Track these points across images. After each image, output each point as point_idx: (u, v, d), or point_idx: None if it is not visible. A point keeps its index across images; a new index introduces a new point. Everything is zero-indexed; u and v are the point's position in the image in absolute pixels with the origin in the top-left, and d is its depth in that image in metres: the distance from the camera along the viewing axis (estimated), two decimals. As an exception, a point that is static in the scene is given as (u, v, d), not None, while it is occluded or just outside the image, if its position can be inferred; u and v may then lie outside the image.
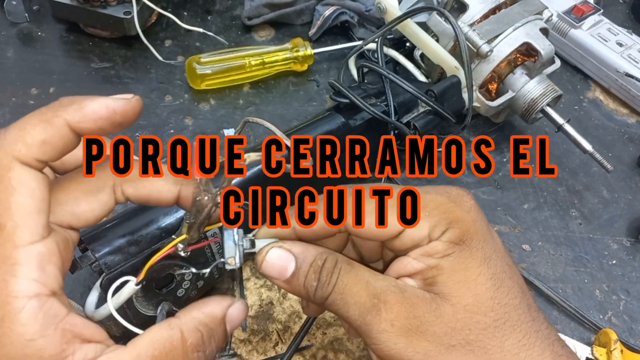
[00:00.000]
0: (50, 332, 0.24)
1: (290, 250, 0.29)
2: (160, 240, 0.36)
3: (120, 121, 0.26)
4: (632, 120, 0.63)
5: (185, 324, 0.28)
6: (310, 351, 0.44)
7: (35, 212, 0.24)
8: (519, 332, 0.27)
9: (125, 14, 0.58)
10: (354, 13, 0.65)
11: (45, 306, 0.24)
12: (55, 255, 0.25)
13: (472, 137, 0.60)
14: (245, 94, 0.60)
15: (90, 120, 0.26)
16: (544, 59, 0.53)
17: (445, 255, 0.28)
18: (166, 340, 0.27)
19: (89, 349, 0.25)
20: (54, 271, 0.25)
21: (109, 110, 0.26)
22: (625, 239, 0.53)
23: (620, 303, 0.49)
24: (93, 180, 0.28)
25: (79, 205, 0.27)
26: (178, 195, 0.30)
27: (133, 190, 0.29)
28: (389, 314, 0.27)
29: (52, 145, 0.25)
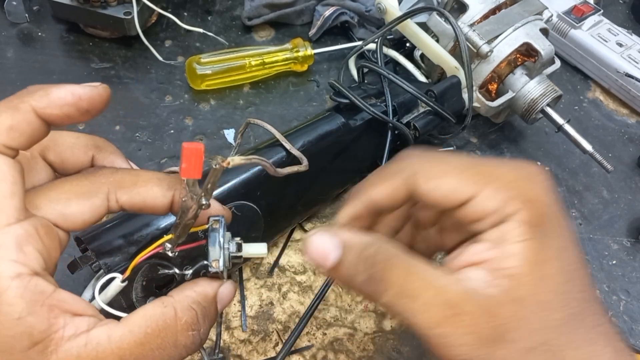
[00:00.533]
0: (37, 308, 0.24)
1: (337, 235, 0.27)
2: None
3: (87, 108, 0.27)
4: (632, 121, 0.63)
5: (179, 302, 0.28)
6: (311, 351, 0.44)
7: (8, 195, 0.24)
8: (585, 327, 0.26)
9: (125, 15, 0.58)
10: (354, 13, 0.65)
11: (30, 284, 0.24)
12: (34, 237, 0.25)
13: (472, 137, 0.60)
14: (245, 94, 0.60)
15: (56, 106, 0.26)
16: (544, 59, 0.53)
17: (523, 240, 0.25)
18: (159, 318, 0.27)
19: (81, 322, 0.25)
20: (33, 252, 0.25)
21: (75, 96, 0.26)
22: (626, 239, 0.53)
23: (620, 303, 0.49)
24: (87, 184, 0.28)
25: (69, 207, 0.27)
26: (172, 201, 0.30)
27: (127, 198, 0.29)
28: (469, 327, 0.25)
29: (20, 131, 0.25)
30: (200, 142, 0.28)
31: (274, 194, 0.44)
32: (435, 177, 0.27)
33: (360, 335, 0.45)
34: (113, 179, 0.29)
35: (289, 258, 0.49)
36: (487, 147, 0.59)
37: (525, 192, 0.26)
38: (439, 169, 0.27)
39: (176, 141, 0.55)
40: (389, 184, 0.29)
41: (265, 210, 0.43)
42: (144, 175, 0.30)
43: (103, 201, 0.28)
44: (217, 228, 0.29)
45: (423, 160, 0.28)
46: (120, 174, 0.29)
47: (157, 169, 0.53)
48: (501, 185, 0.26)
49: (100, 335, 0.25)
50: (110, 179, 0.29)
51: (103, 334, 0.25)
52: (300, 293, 0.47)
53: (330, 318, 0.46)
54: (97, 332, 0.25)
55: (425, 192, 0.27)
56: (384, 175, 0.29)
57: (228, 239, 0.30)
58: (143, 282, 0.36)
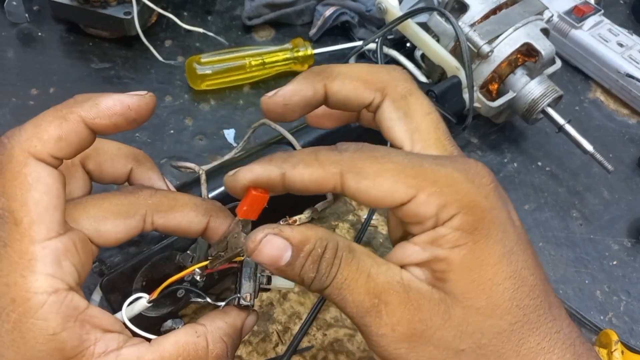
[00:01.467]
0: (70, 324, 0.24)
1: (288, 238, 0.26)
2: (160, 241, 0.36)
3: (135, 117, 0.27)
4: (633, 121, 0.63)
5: (211, 333, 0.28)
6: (311, 352, 0.44)
7: (51, 208, 0.24)
8: (538, 335, 0.25)
9: (125, 15, 0.58)
10: (355, 13, 0.65)
11: (66, 300, 0.24)
12: (71, 252, 0.25)
13: (473, 137, 0.59)
14: (245, 95, 0.60)
15: (105, 116, 0.26)
16: (545, 59, 0.53)
17: (456, 247, 0.25)
18: (192, 347, 0.27)
19: (111, 339, 0.25)
20: (70, 267, 0.25)
21: (124, 106, 0.26)
22: (626, 239, 0.53)
23: (621, 304, 0.49)
24: (126, 204, 0.28)
25: (105, 225, 0.28)
26: (206, 227, 0.30)
27: (163, 222, 0.29)
28: (390, 318, 0.25)
29: (68, 141, 0.25)
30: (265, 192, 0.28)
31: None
32: (368, 177, 0.25)
33: (361, 336, 0.45)
34: (152, 202, 0.29)
35: (289, 258, 0.49)
36: (487, 148, 0.59)
37: (463, 197, 0.25)
38: (375, 167, 0.25)
39: (176, 141, 0.55)
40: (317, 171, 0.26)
41: (266, 210, 0.43)
42: (181, 200, 0.30)
43: (139, 222, 0.29)
44: (251, 261, 0.30)
45: (357, 157, 0.26)
46: (159, 196, 0.30)
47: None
48: (438, 189, 0.25)
49: (131, 356, 0.25)
50: (149, 201, 0.29)
51: (133, 355, 0.25)
52: (300, 294, 0.47)
53: (330, 319, 0.46)
54: (127, 352, 0.25)
55: (355, 193, 0.26)
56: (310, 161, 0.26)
57: (261, 269, 0.30)
58: (143, 282, 0.36)
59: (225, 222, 0.31)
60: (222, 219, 0.31)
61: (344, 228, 0.51)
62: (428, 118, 0.29)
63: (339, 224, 0.51)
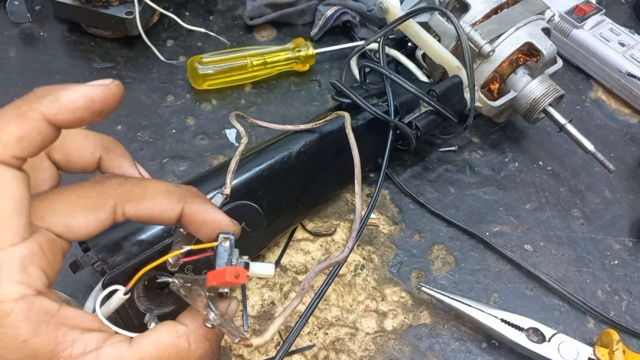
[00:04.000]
0: (42, 329, 0.23)
1: None
2: (162, 241, 0.36)
3: (101, 109, 0.25)
4: (634, 121, 0.63)
5: (193, 333, 0.27)
6: (312, 351, 0.44)
7: (15, 214, 0.23)
8: None
9: (127, 14, 0.58)
10: (356, 13, 0.65)
11: (34, 305, 0.23)
12: (38, 255, 0.24)
13: (474, 137, 0.60)
14: (247, 94, 0.60)
15: (68, 111, 0.24)
16: (546, 59, 0.53)
17: None
18: (172, 349, 0.26)
19: (89, 339, 0.25)
20: (37, 272, 0.24)
21: (87, 99, 0.25)
22: (628, 239, 0.53)
23: (622, 303, 0.49)
24: (94, 195, 0.27)
25: (75, 219, 0.26)
26: (181, 214, 0.29)
27: (135, 211, 0.28)
28: None
29: (30, 141, 0.24)
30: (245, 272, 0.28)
31: (276, 193, 0.44)
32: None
33: (362, 335, 0.45)
34: (121, 191, 0.28)
35: (290, 258, 0.49)
36: (488, 147, 0.59)
37: None
38: None
39: (178, 141, 0.55)
40: None
41: (267, 210, 0.43)
42: (152, 187, 0.28)
43: (109, 214, 0.27)
44: (226, 246, 0.29)
45: None
46: (129, 185, 0.28)
47: (159, 169, 0.53)
48: None
49: (110, 356, 0.25)
50: (118, 190, 0.27)
51: (112, 356, 0.25)
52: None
53: (331, 318, 0.46)
54: (106, 352, 0.25)
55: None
56: None
57: (236, 256, 0.29)
58: (145, 282, 0.36)
59: (201, 208, 0.29)
60: (198, 204, 0.29)
61: (345, 227, 0.51)
62: None
63: (340, 223, 0.51)
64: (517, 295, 0.49)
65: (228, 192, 0.35)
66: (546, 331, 0.44)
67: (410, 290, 0.48)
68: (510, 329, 0.44)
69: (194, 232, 0.29)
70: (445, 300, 0.45)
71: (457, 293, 0.46)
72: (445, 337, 0.46)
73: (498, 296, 0.48)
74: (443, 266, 0.50)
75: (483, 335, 0.46)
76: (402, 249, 0.50)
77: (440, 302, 0.45)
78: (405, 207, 0.53)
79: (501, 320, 0.44)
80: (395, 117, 0.50)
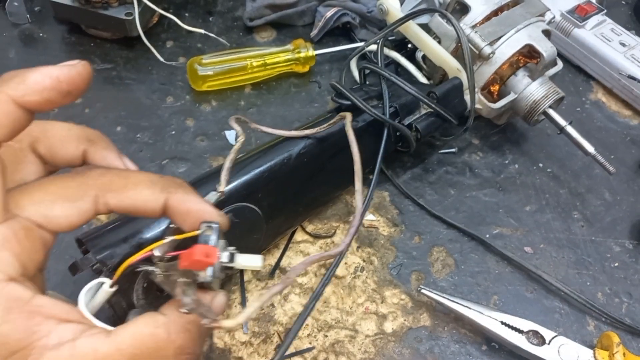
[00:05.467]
0: (13, 316, 0.23)
1: None
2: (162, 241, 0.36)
3: (68, 89, 0.25)
4: (635, 122, 0.63)
5: (173, 323, 0.26)
6: (312, 354, 0.44)
7: None
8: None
9: (126, 15, 0.58)
10: (356, 14, 0.65)
11: (3, 291, 0.23)
12: (10, 242, 0.24)
13: (474, 139, 0.59)
14: (246, 95, 0.60)
15: (35, 91, 0.24)
16: (546, 60, 0.53)
17: None
18: (150, 340, 0.25)
19: (65, 330, 0.24)
20: (9, 257, 0.24)
21: (53, 79, 0.25)
22: (628, 241, 0.53)
23: (622, 306, 0.49)
24: (73, 185, 0.26)
25: (53, 209, 0.26)
26: (165, 205, 0.28)
27: (116, 202, 0.27)
28: None
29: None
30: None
31: (275, 195, 0.44)
32: None
33: (362, 337, 0.45)
34: (101, 182, 0.27)
35: (290, 260, 0.49)
36: (489, 149, 0.59)
37: None
38: None
39: (177, 142, 0.55)
40: None
41: (267, 212, 0.43)
42: (134, 178, 0.28)
43: (90, 204, 0.27)
44: (209, 235, 0.27)
45: None
46: (110, 175, 0.28)
47: (159, 170, 0.53)
48: None
49: (86, 348, 0.24)
50: (98, 181, 0.27)
51: (88, 347, 0.24)
52: (302, 295, 0.47)
53: (331, 320, 0.46)
54: (82, 344, 0.24)
55: None
56: None
57: (222, 246, 0.28)
58: (144, 284, 0.36)
59: (185, 198, 0.28)
60: (182, 194, 0.28)
61: (345, 229, 0.51)
62: None
63: (340, 225, 0.51)
64: (517, 297, 0.49)
65: (222, 190, 0.35)
66: (546, 334, 0.44)
67: (410, 293, 0.48)
68: (510, 332, 0.44)
69: (180, 223, 0.29)
70: (445, 303, 0.44)
71: (457, 295, 0.46)
72: (445, 339, 0.46)
73: (498, 298, 0.48)
74: (443, 268, 0.50)
75: (483, 337, 0.46)
76: (402, 251, 0.50)
77: (440, 304, 0.45)
78: (405, 209, 0.53)
79: (501, 322, 0.44)
80: (395, 119, 0.50)
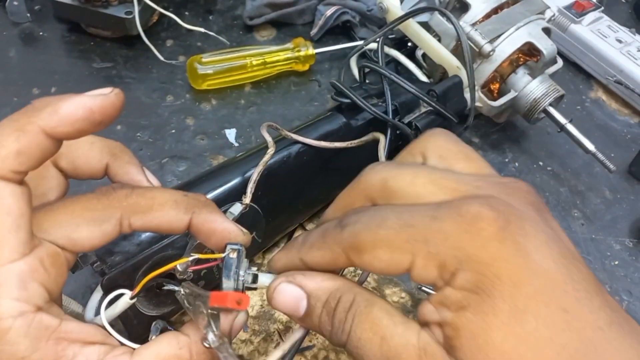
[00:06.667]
0: (42, 344, 0.23)
1: (301, 285, 0.26)
2: (161, 241, 0.36)
3: (100, 120, 0.25)
4: (635, 121, 0.63)
5: (195, 344, 0.27)
6: (312, 352, 0.44)
7: (14, 229, 0.23)
8: None
9: (126, 14, 0.58)
10: (356, 13, 0.65)
11: (33, 322, 0.23)
12: (38, 271, 0.24)
13: (474, 137, 0.59)
14: (246, 94, 0.60)
15: (67, 123, 0.24)
16: (547, 58, 0.53)
17: (460, 309, 0.22)
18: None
19: (91, 353, 0.25)
20: (37, 288, 0.24)
21: (86, 110, 0.24)
22: (628, 239, 0.53)
23: (622, 304, 0.49)
24: (99, 208, 0.27)
25: (79, 232, 0.26)
26: (189, 224, 0.28)
27: (142, 223, 0.27)
28: None
29: (28, 155, 0.24)
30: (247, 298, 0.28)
31: (276, 193, 0.44)
32: (367, 251, 0.24)
33: (362, 335, 0.45)
34: (127, 204, 0.27)
35: (290, 258, 0.49)
36: (489, 147, 0.59)
37: (458, 252, 0.22)
38: (370, 240, 0.24)
39: (177, 141, 0.55)
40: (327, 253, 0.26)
41: (267, 210, 0.43)
42: (159, 198, 0.28)
43: (115, 226, 0.27)
44: (234, 258, 0.28)
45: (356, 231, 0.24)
46: (135, 197, 0.28)
47: (158, 169, 0.53)
48: (432, 249, 0.22)
49: None
50: (123, 203, 0.27)
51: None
52: (302, 293, 0.47)
53: (331, 318, 0.46)
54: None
55: (363, 267, 0.25)
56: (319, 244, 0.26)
57: (245, 267, 0.29)
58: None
59: (209, 218, 0.29)
60: (206, 214, 0.29)
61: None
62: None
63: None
64: (517, 295, 0.49)
65: (247, 202, 0.36)
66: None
67: (410, 291, 0.48)
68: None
69: (204, 241, 0.29)
70: (445, 301, 0.44)
71: (457, 293, 0.46)
72: (445, 337, 0.46)
73: (498, 296, 0.48)
74: (443, 266, 0.50)
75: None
76: (402, 249, 0.50)
77: (440, 302, 0.45)
78: (405, 207, 0.53)
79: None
80: (395, 118, 0.50)
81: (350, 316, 0.24)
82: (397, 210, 0.24)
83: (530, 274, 0.21)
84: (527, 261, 0.21)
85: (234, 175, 0.42)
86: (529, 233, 0.22)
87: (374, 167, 0.27)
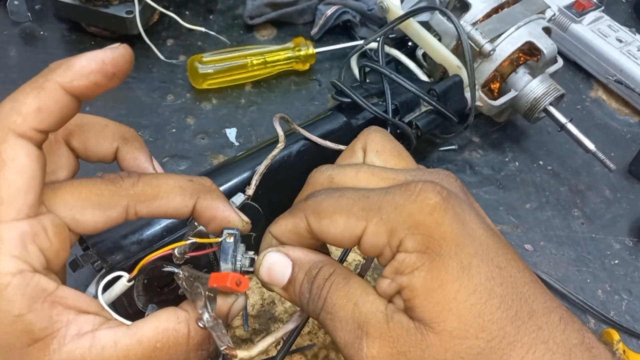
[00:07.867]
0: (38, 305, 0.23)
1: (287, 254, 0.28)
2: (162, 239, 0.36)
3: (113, 71, 0.26)
4: (635, 120, 0.63)
5: (194, 319, 0.27)
6: (312, 351, 0.44)
7: (23, 190, 0.24)
8: (521, 348, 0.23)
9: (127, 14, 0.58)
10: (356, 12, 0.65)
11: (31, 282, 0.23)
12: (40, 236, 0.24)
13: (474, 136, 0.59)
14: (247, 94, 0.60)
15: (82, 76, 0.25)
16: (547, 58, 0.53)
17: (415, 270, 0.24)
18: (171, 334, 0.26)
19: (85, 321, 0.25)
20: (36, 251, 0.24)
21: (98, 62, 0.25)
22: (628, 238, 0.53)
23: (622, 303, 0.49)
24: (106, 194, 0.27)
25: (84, 215, 0.26)
26: (194, 208, 0.29)
27: (147, 211, 0.28)
28: (371, 349, 0.24)
29: (48, 111, 0.24)
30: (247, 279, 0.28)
31: (276, 192, 0.44)
32: (326, 216, 0.26)
33: (362, 334, 0.45)
34: (133, 192, 0.28)
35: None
36: (489, 147, 0.59)
37: (407, 218, 0.24)
38: (331, 206, 0.26)
39: (178, 140, 0.55)
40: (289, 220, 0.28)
41: (267, 209, 0.43)
42: (165, 186, 0.28)
43: (120, 214, 0.27)
44: (230, 242, 0.29)
45: (319, 199, 0.27)
46: (141, 185, 0.28)
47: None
48: (384, 215, 0.25)
49: (106, 339, 0.25)
50: (130, 191, 0.27)
51: (109, 338, 0.25)
52: (302, 292, 0.47)
53: (331, 317, 0.46)
54: (102, 335, 0.25)
55: (319, 233, 0.27)
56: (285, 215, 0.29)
57: (242, 251, 0.29)
58: (145, 280, 0.36)
59: (212, 204, 0.29)
60: (210, 200, 0.29)
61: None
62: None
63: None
64: (517, 294, 0.49)
65: (250, 193, 0.37)
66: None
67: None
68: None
69: (204, 225, 0.30)
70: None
71: (457, 292, 0.46)
72: (445, 336, 0.46)
73: (498, 296, 0.48)
74: (443, 265, 0.50)
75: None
76: (402, 249, 0.50)
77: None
78: (405, 206, 0.53)
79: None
80: (395, 117, 0.50)
81: (328, 284, 0.26)
82: (355, 188, 0.27)
83: (469, 237, 0.25)
84: (466, 227, 0.25)
85: (234, 175, 0.42)
86: (463, 207, 0.26)
87: (319, 169, 0.30)
